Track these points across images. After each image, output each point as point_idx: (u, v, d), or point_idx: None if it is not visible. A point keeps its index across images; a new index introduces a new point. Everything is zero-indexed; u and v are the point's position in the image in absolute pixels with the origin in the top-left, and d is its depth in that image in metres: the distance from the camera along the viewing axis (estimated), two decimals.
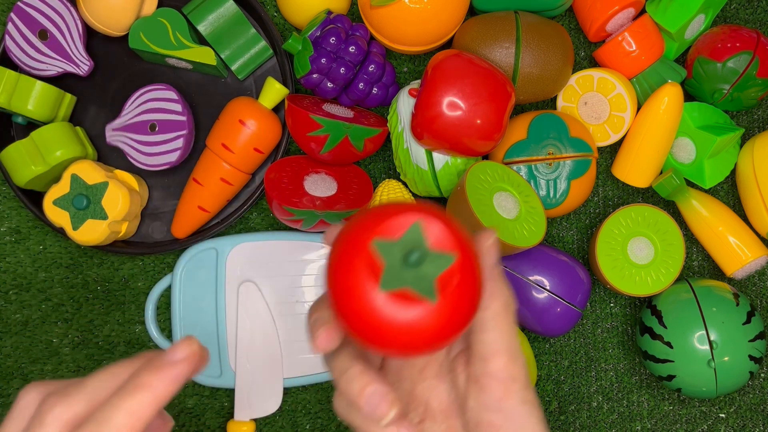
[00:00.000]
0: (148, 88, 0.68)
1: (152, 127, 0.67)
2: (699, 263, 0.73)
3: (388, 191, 0.68)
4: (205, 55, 0.67)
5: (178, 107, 0.67)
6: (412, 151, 0.66)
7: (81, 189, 0.65)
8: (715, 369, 0.64)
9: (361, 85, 0.67)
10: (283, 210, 0.64)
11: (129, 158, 0.68)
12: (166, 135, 0.67)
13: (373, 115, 0.70)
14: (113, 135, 0.68)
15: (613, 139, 0.69)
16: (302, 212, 0.64)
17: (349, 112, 0.69)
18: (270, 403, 0.69)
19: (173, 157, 0.68)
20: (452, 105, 0.61)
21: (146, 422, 0.32)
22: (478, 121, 0.61)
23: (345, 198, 0.66)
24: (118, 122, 0.68)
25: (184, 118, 0.67)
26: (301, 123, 0.64)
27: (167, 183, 0.72)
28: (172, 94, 0.67)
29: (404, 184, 0.71)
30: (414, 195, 0.72)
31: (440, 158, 0.65)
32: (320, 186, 0.67)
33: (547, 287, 0.66)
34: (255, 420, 0.71)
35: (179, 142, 0.67)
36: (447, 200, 0.70)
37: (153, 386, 0.32)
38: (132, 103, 0.68)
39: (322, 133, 0.64)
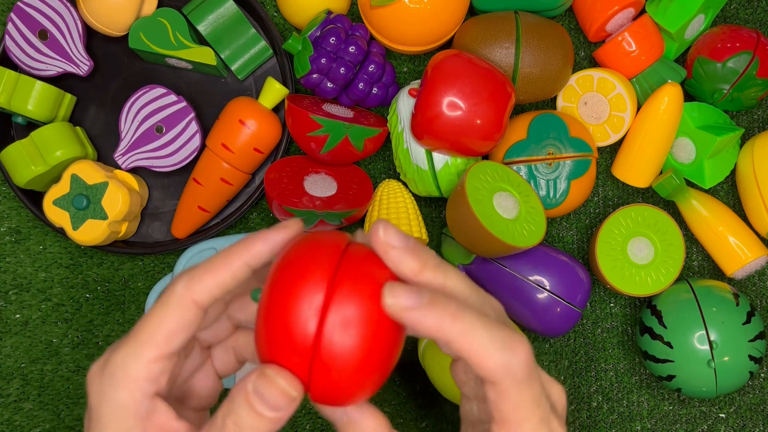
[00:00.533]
0: (134, 97, 0.67)
1: (159, 129, 0.67)
2: (699, 263, 0.73)
3: (388, 191, 0.68)
4: (205, 55, 0.67)
5: (173, 98, 0.67)
6: (412, 151, 0.66)
7: (81, 189, 0.65)
8: (715, 369, 0.64)
9: (361, 85, 0.67)
10: (283, 210, 0.64)
11: (154, 169, 0.68)
12: (177, 128, 0.67)
13: (373, 115, 0.70)
14: (125, 159, 0.68)
15: (613, 139, 0.69)
16: (302, 212, 0.64)
17: (349, 112, 0.69)
18: None
19: (196, 143, 0.68)
20: (452, 105, 0.61)
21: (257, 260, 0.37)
22: (478, 121, 0.61)
23: (345, 198, 0.66)
24: (123, 145, 0.68)
25: (183, 104, 0.67)
26: (301, 123, 0.64)
27: (167, 183, 0.72)
28: (160, 90, 0.67)
29: (404, 184, 0.71)
30: (414, 195, 0.72)
31: (440, 158, 0.65)
32: (320, 186, 0.67)
33: (547, 287, 0.66)
34: None
35: (193, 126, 0.67)
36: (447, 200, 0.70)
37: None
38: (126, 119, 0.68)
39: (322, 133, 0.64)
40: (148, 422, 0.36)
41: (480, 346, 0.34)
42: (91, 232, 0.65)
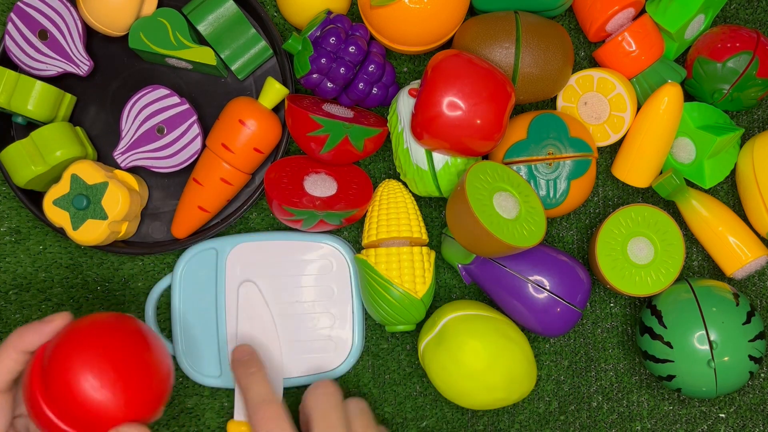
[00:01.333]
0: (136, 97, 0.67)
1: (160, 130, 0.67)
2: (699, 263, 0.73)
3: (389, 191, 0.68)
4: (205, 55, 0.67)
5: (176, 99, 0.67)
6: (412, 151, 0.66)
7: (81, 189, 0.65)
8: (715, 369, 0.64)
9: (361, 85, 0.67)
10: (283, 210, 0.64)
11: (153, 169, 0.68)
12: (178, 130, 0.67)
13: (373, 115, 0.70)
14: (124, 158, 0.68)
15: (613, 139, 0.69)
16: (302, 212, 0.64)
17: (349, 112, 0.69)
18: None
19: (197, 145, 0.68)
20: (452, 105, 0.61)
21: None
22: (478, 121, 0.61)
23: (345, 198, 0.66)
24: (123, 144, 0.68)
25: (186, 106, 0.67)
26: (300, 123, 0.64)
27: (167, 183, 0.72)
28: (163, 91, 0.67)
29: (404, 184, 0.71)
30: (414, 195, 0.72)
31: (440, 158, 0.65)
32: (320, 186, 0.67)
33: (547, 287, 0.66)
34: None
35: (195, 129, 0.67)
36: (447, 200, 0.70)
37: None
38: (128, 118, 0.68)
39: (322, 133, 0.64)
40: None
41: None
42: (91, 232, 0.65)
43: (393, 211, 0.67)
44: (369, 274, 0.66)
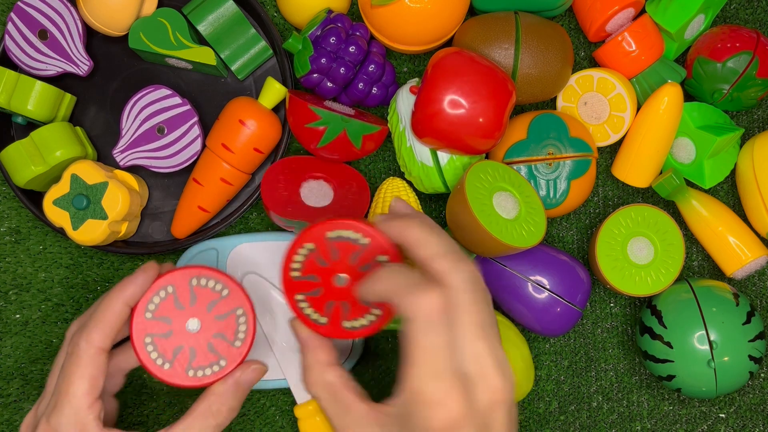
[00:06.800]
0: (137, 96, 0.67)
1: (160, 130, 0.67)
2: (699, 263, 0.73)
3: (392, 190, 0.68)
4: (205, 55, 0.67)
5: (177, 100, 0.67)
6: (416, 149, 0.66)
7: (81, 189, 0.65)
8: (715, 369, 0.64)
9: (360, 85, 0.67)
10: (278, 219, 0.64)
11: (152, 169, 0.68)
12: (178, 130, 0.67)
13: (374, 115, 0.70)
14: (124, 156, 0.68)
15: (613, 139, 0.69)
16: (296, 222, 0.64)
17: (350, 110, 0.69)
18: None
19: (197, 146, 0.68)
20: (453, 102, 0.61)
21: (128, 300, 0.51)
22: (480, 119, 0.61)
23: (338, 210, 0.66)
24: (123, 142, 0.68)
25: (187, 107, 0.67)
26: (299, 114, 0.64)
27: (167, 183, 0.72)
28: (165, 91, 0.67)
29: (409, 183, 0.71)
30: (419, 193, 0.72)
31: (445, 153, 0.65)
32: (316, 195, 0.67)
33: (547, 287, 0.66)
34: (258, 417, 0.71)
35: (195, 130, 0.67)
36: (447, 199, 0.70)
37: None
38: (128, 117, 0.68)
39: (320, 125, 0.64)
40: None
41: (402, 287, 0.43)
42: (91, 232, 0.65)
43: None
44: None
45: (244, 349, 0.52)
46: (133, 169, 0.72)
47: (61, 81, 0.71)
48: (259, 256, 0.69)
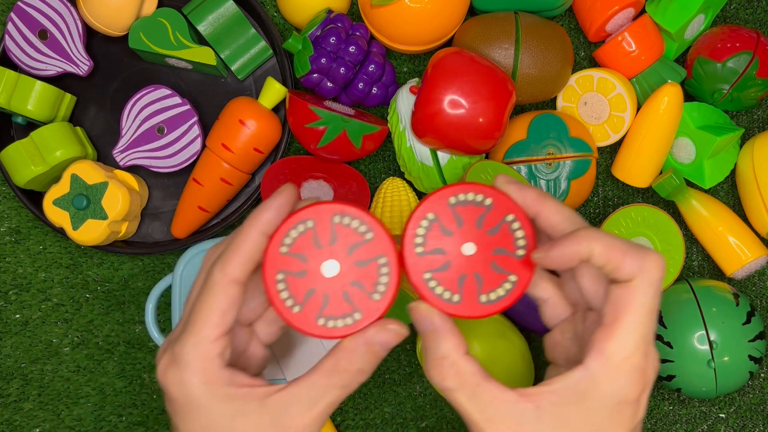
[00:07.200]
0: (137, 96, 0.67)
1: (160, 130, 0.67)
2: (699, 263, 0.73)
3: (392, 190, 0.68)
4: (205, 55, 0.67)
5: (177, 100, 0.67)
6: (416, 149, 0.66)
7: (81, 189, 0.65)
8: (714, 369, 0.64)
9: (360, 85, 0.67)
10: None
11: (152, 169, 0.68)
12: (178, 130, 0.67)
13: (374, 116, 0.70)
14: (124, 156, 0.68)
15: (613, 139, 0.69)
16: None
17: (350, 110, 0.69)
18: None
19: (197, 146, 0.68)
20: (453, 102, 0.61)
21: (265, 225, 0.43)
22: (480, 119, 0.61)
23: None
24: (123, 142, 0.68)
25: (187, 107, 0.67)
26: (299, 113, 0.64)
27: (167, 183, 0.72)
28: (165, 91, 0.67)
29: (409, 183, 0.71)
30: (419, 193, 0.72)
31: (445, 153, 0.65)
32: (316, 194, 0.67)
33: None
34: None
35: (195, 130, 0.67)
36: None
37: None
38: (128, 116, 0.68)
39: (320, 125, 0.64)
40: (232, 386, 0.42)
41: (618, 247, 0.39)
42: (91, 232, 0.65)
43: (396, 209, 0.67)
44: None
45: (383, 305, 0.45)
46: (133, 169, 0.72)
47: (61, 81, 0.71)
48: None
